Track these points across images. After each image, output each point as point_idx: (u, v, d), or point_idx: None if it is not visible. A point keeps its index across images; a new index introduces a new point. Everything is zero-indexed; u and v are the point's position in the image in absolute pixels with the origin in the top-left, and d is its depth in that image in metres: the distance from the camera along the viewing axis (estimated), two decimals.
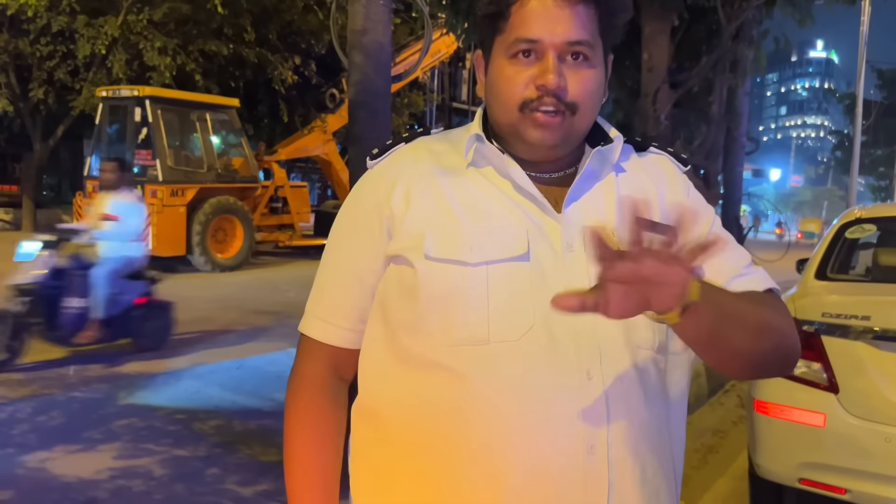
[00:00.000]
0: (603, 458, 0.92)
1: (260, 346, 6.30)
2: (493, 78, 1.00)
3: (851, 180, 20.90)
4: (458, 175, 1.01)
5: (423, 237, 0.96)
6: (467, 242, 0.95)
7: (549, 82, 0.94)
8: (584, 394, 0.92)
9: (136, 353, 5.75)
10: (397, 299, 1.00)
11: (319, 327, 1.07)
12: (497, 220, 0.97)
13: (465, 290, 0.94)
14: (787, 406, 3.03)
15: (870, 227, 3.66)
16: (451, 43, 12.99)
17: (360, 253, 1.04)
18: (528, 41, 0.95)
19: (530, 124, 0.96)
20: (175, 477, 3.48)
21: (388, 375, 1.00)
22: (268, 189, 13.00)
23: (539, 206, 0.98)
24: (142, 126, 11.11)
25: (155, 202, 10.62)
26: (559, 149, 1.00)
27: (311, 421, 1.06)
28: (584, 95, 0.96)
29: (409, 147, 1.07)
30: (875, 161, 37.43)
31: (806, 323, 3.00)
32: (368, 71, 3.35)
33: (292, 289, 9.63)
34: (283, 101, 14.78)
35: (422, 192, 0.99)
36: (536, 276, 0.95)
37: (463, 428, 0.93)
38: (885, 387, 2.81)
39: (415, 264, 0.96)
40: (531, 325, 0.93)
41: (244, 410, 4.54)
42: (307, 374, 1.08)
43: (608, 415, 0.93)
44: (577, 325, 0.93)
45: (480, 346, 0.93)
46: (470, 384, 0.93)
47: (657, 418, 0.99)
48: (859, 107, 20.10)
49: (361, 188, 1.07)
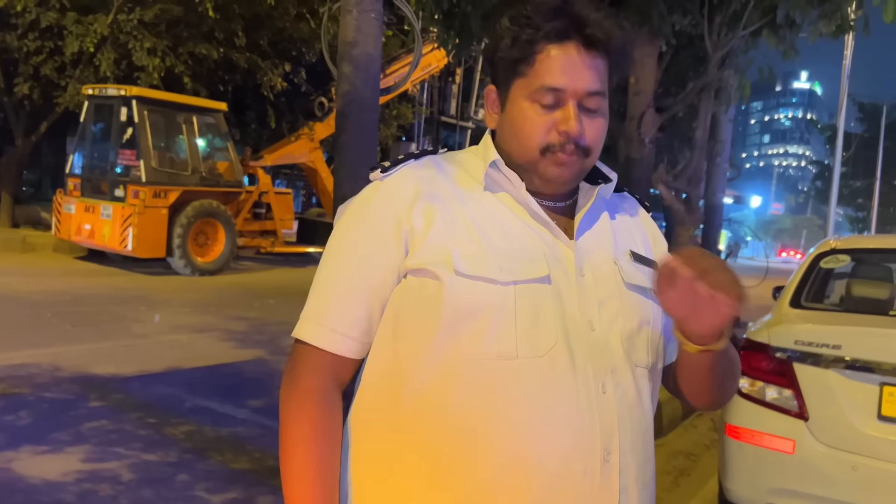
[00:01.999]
0: (615, 465, 1.01)
1: (237, 353, 6.26)
2: (513, 118, 1.06)
3: (830, 210, 21.21)
4: (475, 197, 1.07)
5: (450, 253, 1.00)
6: (496, 261, 1.00)
7: (571, 129, 1.02)
8: (600, 406, 1.01)
9: (111, 355, 5.69)
10: (415, 312, 1.02)
11: (326, 335, 1.04)
12: (520, 242, 1.03)
13: (495, 307, 0.99)
14: (758, 431, 3.06)
15: (844, 258, 3.72)
16: (442, 58, 13.08)
17: (373, 264, 1.04)
18: (553, 89, 1.02)
19: (551, 163, 1.04)
20: (143, 482, 3.44)
21: (400, 388, 1.02)
22: (252, 194, 12.95)
23: (553, 233, 1.06)
24: (127, 126, 11.03)
25: (137, 203, 10.54)
26: (570, 184, 1.10)
27: (319, 437, 1.03)
28: (596, 141, 1.06)
29: (420, 164, 1.10)
30: (854, 192, 38.04)
31: (779, 350, 3.04)
32: (357, 82, 3.37)
33: (272, 295, 9.57)
34: (271, 107, 14.74)
35: (442, 210, 1.03)
36: (556, 298, 1.02)
37: (490, 439, 0.97)
38: (854, 416, 2.85)
39: (443, 278, 0.99)
40: (554, 342, 1.00)
41: (217, 416, 4.50)
42: (311, 385, 1.04)
43: (619, 426, 1.02)
44: (592, 344, 1.02)
45: (509, 361, 0.98)
46: (498, 397, 0.98)
47: (649, 430, 1.10)
48: (840, 138, 20.43)
49: (374, 200, 1.07)
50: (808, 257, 3.74)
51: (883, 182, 33.20)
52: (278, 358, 6.05)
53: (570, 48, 1.02)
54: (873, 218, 33.27)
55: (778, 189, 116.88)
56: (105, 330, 6.68)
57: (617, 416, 1.02)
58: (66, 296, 8.30)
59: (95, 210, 10.98)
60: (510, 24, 1.04)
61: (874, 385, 2.83)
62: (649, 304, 1.09)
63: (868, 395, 2.84)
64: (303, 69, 15.30)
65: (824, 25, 5.71)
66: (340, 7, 3.38)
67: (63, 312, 7.25)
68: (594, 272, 1.06)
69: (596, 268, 1.06)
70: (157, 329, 6.92)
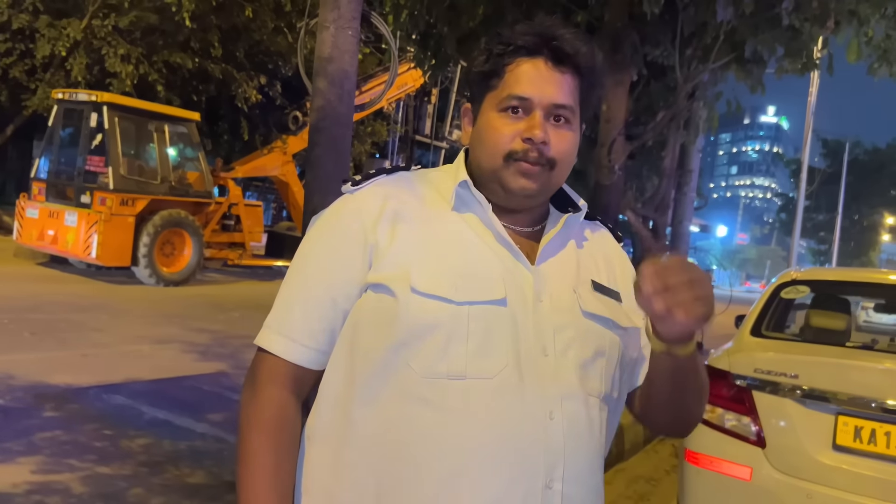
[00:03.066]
0: (558, 493, 1.00)
1: (199, 365, 6.16)
2: (481, 128, 1.08)
3: (793, 242, 21.69)
4: (442, 216, 1.08)
5: (409, 270, 1.00)
6: (453, 281, 1.00)
7: (535, 136, 1.03)
8: (547, 433, 1.00)
9: (68, 364, 5.56)
10: (371, 327, 1.02)
11: (286, 345, 1.05)
12: (479, 264, 1.04)
13: (448, 327, 0.99)
14: (717, 458, 3.10)
15: (804, 289, 3.80)
16: (418, 77, 13.14)
17: (337, 276, 1.05)
18: (519, 98, 1.05)
19: (514, 172, 1.05)
20: (95, 496, 3.35)
21: (353, 401, 1.02)
22: (221, 206, 12.81)
23: (515, 257, 1.06)
24: (97, 132, 10.87)
25: (103, 210, 10.36)
26: (535, 198, 1.09)
27: (276, 445, 1.03)
28: (563, 153, 1.07)
29: (390, 179, 1.11)
30: (816, 225, 38.98)
31: (739, 377, 3.08)
32: (332, 98, 3.37)
33: (237, 308, 9.46)
34: (244, 119, 14.70)
35: (407, 226, 1.04)
36: (510, 321, 1.02)
37: (434, 456, 0.97)
38: (810, 444, 2.90)
39: (398, 295, 1.00)
40: (505, 364, 1.00)
41: (175, 430, 4.41)
42: (270, 394, 1.05)
43: (565, 453, 1.01)
44: (543, 370, 1.02)
45: (457, 381, 0.98)
46: (444, 416, 0.98)
47: (598, 460, 1.09)
48: (804, 172, 20.95)
49: (342, 212, 1.08)
50: (769, 287, 3.81)
51: (844, 217, 34.08)
52: (240, 372, 5.97)
53: (538, 62, 1.05)
54: (834, 251, 34.07)
55: (744, 219, 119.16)
56: (63, 338, 6.53)
57: (563, 443, 1.01)
58: (26, 302, 8.10)
59: (60, 216, 10.77)
60: (486, 43, 1.09)
61: (830, 415, 2.88)
62: (607, 335, 1.09)
63: (823, 425, 2.89)
64: (278, 82, 15.30)
65: (790, 62, 5.89)
66: (318, 23, 3.39)
67: (21, 319, 7.08)
68: (552, 299, 1.06)
69: (555, 295, 1.07)
70: (118, 339, 6.79)
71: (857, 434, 2.84)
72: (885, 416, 2.79)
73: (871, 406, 2.81)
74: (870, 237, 40.59)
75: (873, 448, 2.81)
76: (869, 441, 2.82)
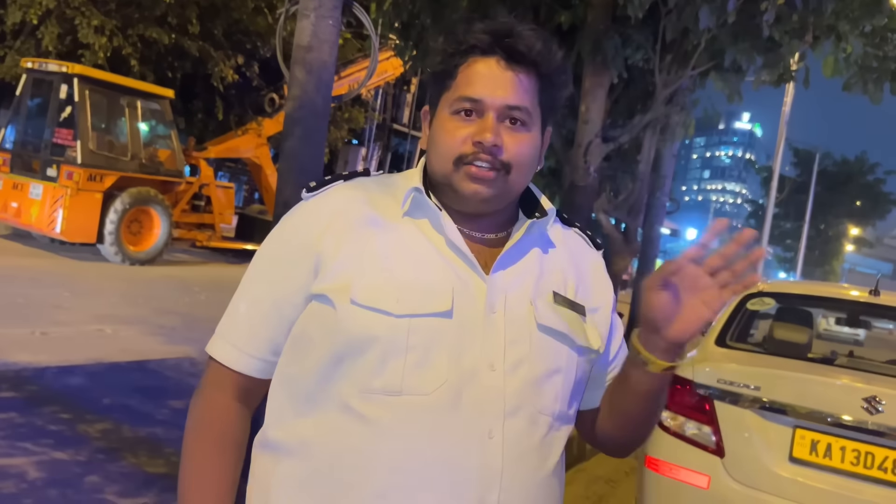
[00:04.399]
0: None
1: (163, 349, 6.07)
2: (434, 130, 1.05)
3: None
4: (393, 223, 1.03)
5: (350, 281, 0.97)
6: (393, 293, 0.97)
7: (485, 140, 0.99)
8: (482, 452, 0.96)
9: (26, 342, 5.44)
10: (314, 339, 1.00)
11: (232, 353, 1.05)
12: (425, 274, 0.99)
13: (386, 340, 0.96)
14: (676, 465, 3.13)
15: (770, 301, 3.86)
16: (399, 66, 13.06)
17: (283, 285, 1.03)
18: (470, 100, 1.01)
19: (464, 177, 1.01)
20: (50, 481, 3.28)
21: (293, 412, 1.01)
22: (192, 186, 12.62)
23: (469, 265, 1.02)
24: (66, 104, 10.62)
25: (70, 184, 10.14)
26: (491, 204, 1.04)
27: (215, 452, 1.04)
28: (518, 157, 1.02)
29: (347, 186, 1.08)
30: (784, 233, 39.67)
31: (701, 387, 3.12)
32: (309, 88, 3.32)
33: (204, 291, 9.34)
34: (220, 99, 14.45)
35: (354, 236, 1.01)
36: (455, 334, 0.98)
37: (363, 473, 0.95)
38: (767, 456, 2.95)
39: (338, 307, 0.97)
40: (444, 380, 0.96)
41: (135, 415, 4.34)
42: (214, 401, 1.06)
43: (502, 474, 0.97)
44: (487, 386, 0.98)
45: (393, 397, 0.95)
46: (377, 432, 0.95)
47: (547, 479, 1.04)
48: (775, 181, 21.31)
49: (293, 220, 1.07)
50: (736, 298, 3.86)
51: (811, 226, 34.72)
52: (205, 357, 5.89)
53: (491, 62, 1.01)
54: (800, 259, 34.73)
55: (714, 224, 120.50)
56: (23, 315, 6.38)
57: (502, 463, 0.97)
58: None
59: (24, 188, 10.52)
60: (441, 42, 1.05)
61: (788, 427, 2.93)
62: (564, 350, 1.05)
63: (781, 437, 2.94)
64: (256, 63, 15.05)
65: (768, 73, 5.96)
66: (298, 10, 3.34)
67: None
68: (506, 310, 1.01)
69: (509, 306, 1.02)
70: (80, 318, 6.66)
71: (814, 447, 2.90)
72: (840, 431, 2.85)
73: (828, 420, 2.86)
74: (834, 247, 41.44)
75: (828, 462, 2.86)
76: (824, 455, 2.88)
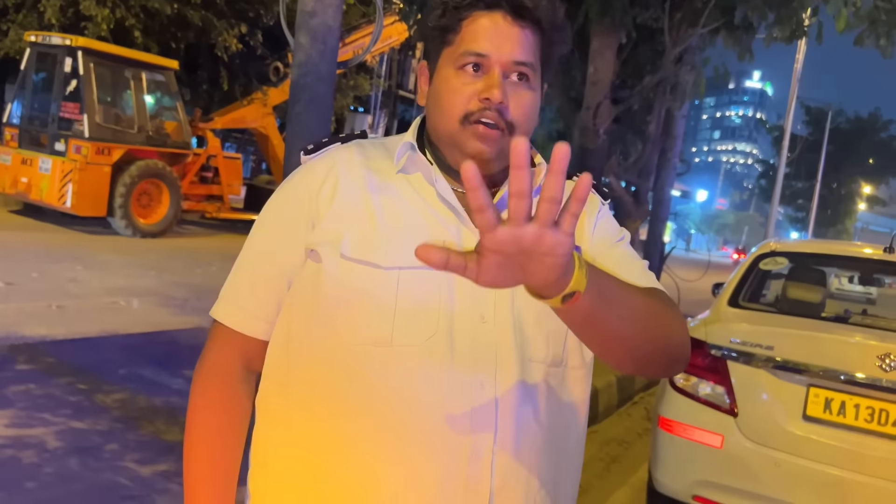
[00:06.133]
0: (487, 465, 0.95)
1: (175, 319, 6.12)
2: (437, 87, 1.03)
3: (772, 209, 21.89)
4: (386, 179, 1.03)
5: (341, 235, 0.98)
6: (382, 246, 0.97)
7: (493, 96, 0.97)
8: (474, 402, 0.95)
9: (42, 316, 5.50)
10: (306, 294, 1.01)
11: (234, 314, 1.07)
12: (415, 227, 0.99)
13: (375, 292, 0.96)
14: (690, 425, 3.15)
15: (783, 261, 3.83)
16: (403, 31, 12.89)
17: (283, 244, 1.04)
18: (476, 55, 0.99)
19: (471, 135, 0.99)
20: (70, 451, 3.34)
21: (289, 370, 1.01)
22: (199, 157, 12.60)
23: (458, 217, 1.01)
24: (71, 77, 10.57)
25: (78, 158, 10.15)
26: (493, 163, 1.03)
27: (218, 411, 1.06)
28: (522, 116, 1.00)
29: (344, 147, 1.08)
30: (795, 193, 39.30)
31: (714, 347, 3.12)
32: (314, 54, 3.28)
33: (215, 262, 9.39)
34: (224, 69, 14.34)
35: (348, 191, 1.01)
36: (445, 285, 0.97)
37: (354, 426, 0.95)
38: (780, 414, 2.95)
39: (328, 261, 0.98)
40: (434, 331, 0.96)
41: (151, 385, 4.40)
42: (218, 362, 1.07)
43: (496, 424, 0.96)
44: (477, 335, 0.97)
45: (383, 348, 0.95)
46: (368, 384, 0.95)
47: (549, 430, 1.02)
48: (786, 140, 21.05)
49: (291, 182, 1.07)
50: (748, 258, 3.83)
51: (823, 185, 34.37)
52: None
53: (496, 16, 0.99)
54: (812, 218, 34.48)
55: (724, 185, 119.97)
56: (37, 289, 6.44)
57: (495, 413, 0.96)
58: None
59: (33, 163, 10.53)
60: None
61: (801, 386, 2.93)
62: None
63: (795, 396, 2.94)
64: (259, 31, 14.88)
65: (779, 29, 5.84)
66: None
67: None
68: None
69: None
70: (93, 291, 6.71)
71: (828, 405, 2.90)
72: (854, 389, 2.85)
73: (842, 378, 2.86)
74: (846, 206, 41.07)
75: (842, 419, 2.87)
76: (838, 412, 2.88)
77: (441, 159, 1.05)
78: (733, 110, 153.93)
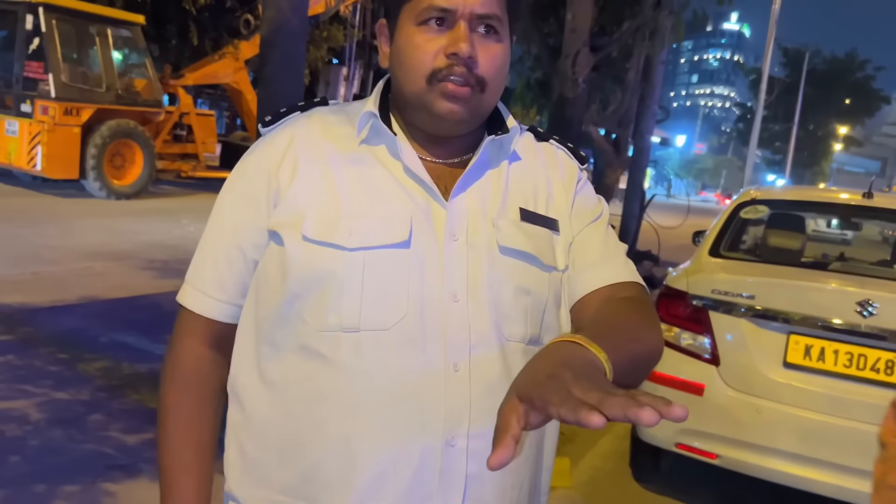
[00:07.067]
0: (462, 449, 0.93)
1: (154, 283, 6.05)
2: (399, 46, 0.96)
3: (750, 152, 21.97)
4: (349, 153, 0.98)
5: (303, 216, 0.93)
6: (347, 226, 0.93)
7: (461, 51, 0.91)
8: (448, 386, 0.92)
9: (18, 283, 5.41)
10: (270, 278, 0.97)
11: (198, 299, 1.03)
12: (381, 204, 0.95)
13: (340, 275, 0.92)
14: (672, 375, 3.19)
15: (763, 209, 3.84)
16: None
17: (244, 224, 0.99)
18: (440, 9, 0.92)
19: (439, 95, 0.94)
20: (53, 422, 3.31)
21: (257, 356, 0.99)
22: (172, 115, 12.33)
23: (427, 192, 0.97)
24: (34, 35, 10.22)
25: (46, 119, 9.89)
26: (465, 124, 0.98)
27: (189, 398, 1.03)
28: (492, 71, 0.95)
29: (304, 117, 1.02)
30: (773, 135, 39.48)
31: (696, 298, 3.14)
32: (284, 8, 3.16)
33: (192, 222, 9.27)
34: (193, 23, 13.92)
35: (309, 168, 0.96)
36: (415, 264, 0.93)
37: (325, 413, 0.93)
38: (761, 362, 2.99)
39: (290, 244, 0.94)
40: (404, 314, 0.92)
41: (134, 351, 4.37)
42: (184, 348, 1.04)
43: (471, 408, 0.93)
44: (450, 317, 0.94)
45: (351, 333, 0.92)
46: (338, 371, 0.92)
47: None
48: (764, 82, 21.01)
49: (250, 158, 1.03)
50: (728, 207, 3.84)
51: (800, 127, 34.51)
52: None
53: None
54: (788, 161, 34.71)
55: (702, 129, 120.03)
56: (12, 255, 6.33)
57: (469, 397, 0.93)
58: None
59: (0, 125, 10.27)
60: None
61: (782, 333, 2.97)
62: (531, 271, 0.99)
63: (775, 343, 2.98)
64: None
65: None
66: None
67: None
68: (469, 235, 0.96)
69: (471, 231, 0.96)
70: (70, 255, 6.61)
71: (807, 352, 2.94)
72: (834, 335, 2.89)
73: (821, 325, 2.89)
74: (823, 147, 41.35)
75: (822, 365, 2.91)
76: (818, 359, 2.92)
77: (409, 124, 1.00)
78: (711, 53, 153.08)
